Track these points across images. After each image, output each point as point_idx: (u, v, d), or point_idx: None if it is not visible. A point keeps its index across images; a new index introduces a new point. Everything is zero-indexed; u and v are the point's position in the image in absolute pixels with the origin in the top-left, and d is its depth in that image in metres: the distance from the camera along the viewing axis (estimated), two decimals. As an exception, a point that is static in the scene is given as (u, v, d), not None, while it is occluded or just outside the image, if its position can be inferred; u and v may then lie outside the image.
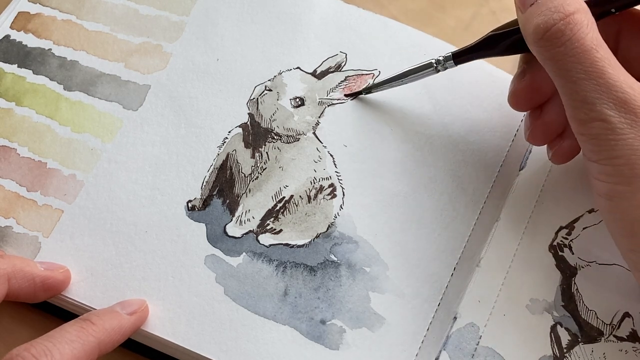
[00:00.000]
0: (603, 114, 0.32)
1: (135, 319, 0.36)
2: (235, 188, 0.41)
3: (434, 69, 0.40)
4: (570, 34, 0.32)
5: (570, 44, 0.32)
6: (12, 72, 0.43)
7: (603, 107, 0.32)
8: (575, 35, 0.32)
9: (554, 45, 0.33)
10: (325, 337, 0.37)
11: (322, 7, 0.45)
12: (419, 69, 0.40)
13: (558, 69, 0.33)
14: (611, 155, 0.32)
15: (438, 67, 0.39)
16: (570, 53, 0.32)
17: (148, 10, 0.45)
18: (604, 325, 0.37)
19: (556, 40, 0.33)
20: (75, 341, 0.33)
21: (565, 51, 0.33)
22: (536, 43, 0.34)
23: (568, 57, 0.33)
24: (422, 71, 0.40)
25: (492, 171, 0.41)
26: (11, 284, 0.35)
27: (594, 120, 0.32)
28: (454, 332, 0.37)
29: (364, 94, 0.43)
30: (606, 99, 0.32)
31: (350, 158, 0.41)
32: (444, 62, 0.39)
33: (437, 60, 0.39)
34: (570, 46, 0.32)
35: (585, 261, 0.38)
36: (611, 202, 0.33)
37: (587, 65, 0.32)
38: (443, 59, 0.39)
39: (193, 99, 0.43)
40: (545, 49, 0.33)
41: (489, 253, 0.39)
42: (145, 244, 0.39)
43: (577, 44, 0.32)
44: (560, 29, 0.33)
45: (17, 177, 0.40)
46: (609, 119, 0.32)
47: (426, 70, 0.40)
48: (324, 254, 0.39)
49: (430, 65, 0.40)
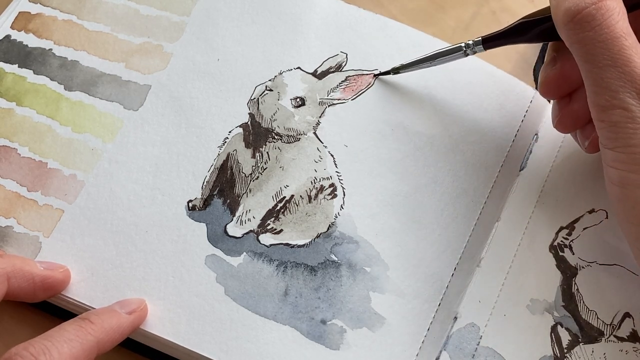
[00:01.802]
0: (625, 102, 0.32)
1: (134, 318, 0.36)
2: (235, 188, 0.41)
3: (463, 53, 0.40)
4: (601, 20, 0.33)
5: (600, 29, 0.33)
6: (12, 72, 0.43)
7: (625, 95, 0.32)
8: (605, 21, 0.33)
9: (584, 29, 0.33)
10: (325, 337, 0.37)
11: (322, 7, 0.45)
12: (449, 52, 0.40)
13: (585, 53, 0.33)
14: (628, 143, 0.32)
15: (467, 51, 0.40)
16: (599, 39, 0.33)
17: (149, 10, 0.45)
18: (604, 326, 0.37)
19: (586, 24, 0.33)
20: (73, 340, 0.33)
21: (594, 36, 0.33)
22: (566, 26, 0.34)
23: (596, 42, 0.33)
24: (451, 54, 0.40)
25: (492, 171, 0.41)
26: (11, 284, 0.35)
27: (614, 108, 0.32)
28: (454, 332, 0.37)
29: (392, 74, 0.43)
30: (629, 88, 0.32)
31: (350, 158, 0.41)
32: (474, 46, 0.39)
33: (466, 45, 0.39)
34: (599, 31, 0.33)
35: (585, 261, 0.38)
36: (623, 190, 0.33)
37: (615, 52, 0.32)
38: (473, 43, 0.39)
39: (194, 99, 0.43)
40: (575, 33, 0.33)
41: (490, 253, 0.39)
42: (145, 244, 0.39)
43: (606, 30, 0.32)
44: (592, 12, 0.33)
45: (18, 177, 0.40)
46: (630, 107, 0.32)
47: (455, 54, 0.40)
48: (324, 254, 0.39)
49: (460, 48, 0.40)
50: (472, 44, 0.39)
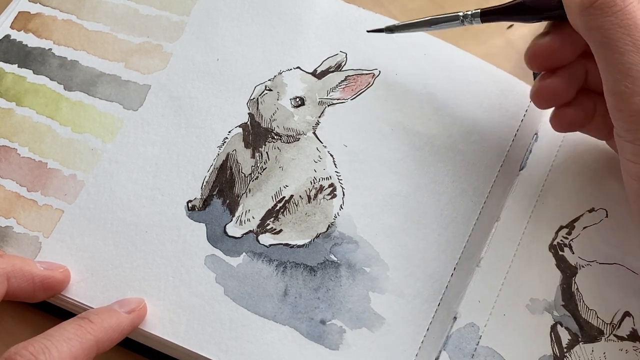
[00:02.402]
0: None
1: (134, 318, 0.36)
2: (235, 188, 0.41)
3: (460, 21, 0.39)
4: (622, 5, 0.32)
5: (622, 14, 0.32)
6: (12, 72, 0.43)
7: None
8: (627, 7, 0.32)
9: (604, 14, 0.32)
10: (325, 337, 0.37)
11: (322, 7, 0.45)
12: (446, 19, 0.40)
13: (605, 38, 0.32)
14: None
15: (464, 21, 0.39)
16: (621, 24, 0.32)
17: (148, 10, 0.45)
18: (604, 325, 0.37)
19: (607, 9, 0.32)
20: (73, 339, 0.33)
21: (615, 21, 0.32)
22: (585, 11, 0.33)
23: (618, 27, 0.32)
24: (448, 22, 0.40)
25: (492, 171, 0.41)
26: (10, 284, 0.35)
27: (635, 95, 0.31)
28: (454, 332, 0.37)
29: (386, 32, 0.42)
30: None
31: (350, 158, 0.41)
32: (472, 17, 0.39)
33: (464, 15, 0.39)
34: (621, 17, 0.32)
35: (585, 260, 0.38)
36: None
37: (638, 37, 0.31)
38: (471, 14, 0.39)
39: (193, 99, 0.43)
40: (594, 18, 0.33)
41: (489, 253, 0.39)
42: (145, 244, 0.39)
43: (628, 15, 0.32)
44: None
45: (18, 177, 0.40)
46: None
47: (452, 22, 0.40)
48: (324, 254, 0.39)
49: (457, 17, 0.39)
50: (470, 14, 0.39)
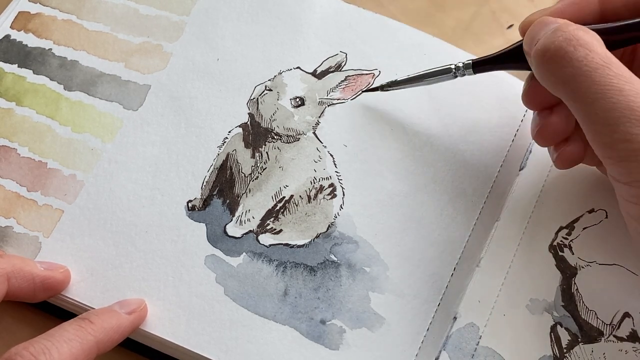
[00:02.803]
0: (628, 134, 0.29)
1: (134, 318, 0.36)
2: (235, 188, 0.41)
3: (452, 75, 0.39)
4: (575, 52, 0.31)
5: (578, 62, 0.30)
6: (12, 72, 0.43)
7: (627, 127, 0.29)
8: (581, 53, 0.30)
9: (560, 66, 0.31)
10: (325, 337, 0.37)
11: (322, 7, 0.45)
12: (438, 72, 0.40)
13: (570, 92, 0.31)
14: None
15: (456, 73, 0.39)
16: (579, 72, 0.30)
17: (148, 10, 0.45)
18: (604, 325, 0.37)
19: (561, 60, 0.31)
20: (73, 340, 0.33)
21: (574, 72, 0.30)
22: (540, 67, 0.32)
23: (578, 77, 0.30)
24: (440, 75, 0.40)
25: (492, 171, 0.41)
26: (11, 284, 0.35)
27: (618, 142, 0.30)
28: (453, 332, 0.37)
29: (380, 90, 0.42)
30: (629, 117, 0.29)
31: (350, 158, 0.41)
32: (464, 69, 0.39)
33: (456, 67, 0.39)
34: (578, 65, 0.30)
35: (585, 261, 0.38)
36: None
37: (602, 83, 0.30)
38: (463, 66, 0.39)
39: (193, 99, 0.43)
40: (551, 72, 0.32)
41: (489, 253, 0.38)
42: (145, 244, 0.39)
43: (585, 61, 0.30)
44: (561, 45, 0.31)
45: (18, 177, 0.40)
46: (636, 138, 0.29)
47: (444, 75, 0.40)
48: (324, 254, 0.39)
49: (449, 70, 0.39)
50: (462, 66, 0.39)
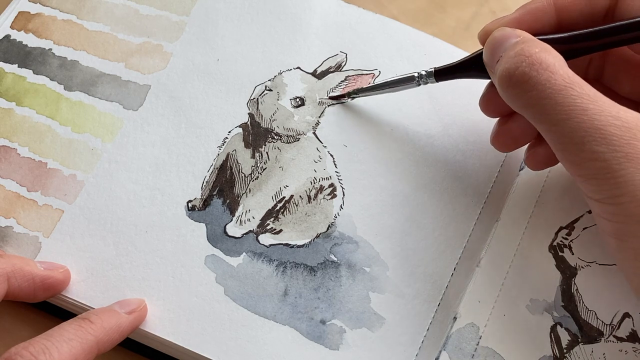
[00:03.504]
0: (594, 152, 0.29)
1: (134, 318, 0.36)
2: (235, 188, 0.41)
3: (415, 83, 0.39)
4: (538, 76, 0.31)
5: (542, 85, 0.31)
6: (12, 72, 0.43)
7: (592, 146, 0.29)
8: (543, 76, 0.31)
9: (524, 90, 0.31)
10: (325, 337, 0.37)
11: (322, 7, 0.45)
12: (401, 80, 0.40)
13: (536, 114, 0.31)
14: (614, 194, 0.30)
15: (420, 82, 0.39)
16: (544, 95, 0.31)
17: (148, 10, 0.45)
18: (604, 326, 0.37)
19: (524, 84, 0.31)
20: (73, 340, 0.33)
21: (538, 94, 0.31)
22: (506, 92, 0.32)
23: (543, 99, 0.31)
24: (404, 84, 0.40)
25: (492, 171, 0.41)
26: (11, 284, 0.35)
27: (585, 161, 0.30)
28: (453, 332, 0.37)
29: (348, 98, 0.42)
30: (594, 136, 0.29)
31: (350, 158, 0.41)
32: (426, 77, 0.39)
33: (419, 75, 0.39)
34: (541, 88, 0.31)
35: (585, 261, 0.38)
36: (621, 242, 0.31)
37: (566, 105, 0.30)
38: (425, 74, 0.39)
39: (193, 99, 0.43)
40: (517, 97, 0.32)
41: (489, 253, 0.39)
42: (145, 244, 0.39)
43: (548, 84, 0.30)
44: (525, 71, 0.31)
45: (18, 177, 0.40)
46: (602, 156, 0.29)
47: (408, 84, 0.40)
48: (324, 254, 0.39)
49: (412, 78, 0.39)
50: (424, 74, 0.39)
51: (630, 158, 0.29)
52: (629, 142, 0.29)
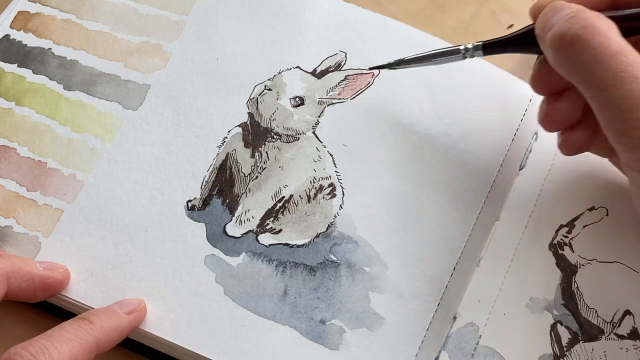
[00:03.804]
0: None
1: (133, 318, 0.36)
2: (235, 188, 0.41)
3: (461, 55, 0.39)
4: (591, 39, 0.30)
5: (594, 49, 0.30)
6: (12, 71, 0.43)
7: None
8: (596, 40, 0.30)
9: (576, 52, 0.31)
10: (325, 337, 0.37)
11: (321, 7, 0.45)
12: (447, 52, 0.39)
13: (586, 78, 0.31)
14: None
15: (465, 54, 0.39)
16: (595, 59, 0.30)
17: (148, 9, 0.45)
18: (604, 324, 0.37)
19: (577, 46, 0.31)
20: (73, 340, 0.33)
21: (589, 58, 0.30)
22: (556, 54, 0.32)
23: (594, 64, 0.30)
24: (449, 55, 0.39)
25: (492, 171, 0.41)
26: (10, 284, 0.35)
27: (632, 129, 0.30)
28: (453, 332, 0.37)
29: (389, 68, 0.42)
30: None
31: (350, 158, 0.41)
32: (473, 50, 0.38)
33: (465, 48, 0.39)
34: (593, 52, 0.30)
35: (585, 259, 0.38)
36: None
37: (617, 71, 0.30)
38: (472, 47, 0.38)
39: (193, 99, 0.43)
40: (567, 58, 0.31)
41: (489, 253, 0.38)
42: (145, 244, 0.39)
43: (600, 49, 0.30)
44: (578, 34, 0.31)
45: (17, 176, 0.40)
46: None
47: (453, 56, 0.39)
48: (323, 254, 0.39)
49: (458, 51, 0.39)
50: (471, 48, 0.39)
51: None
52: None
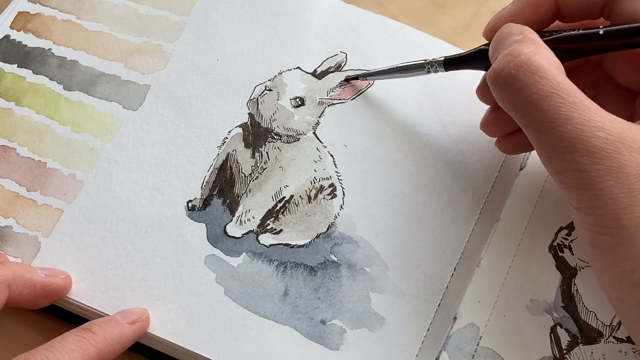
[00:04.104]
0: (576, 163, 0.29)
1: (136, 329, 0.36)
2: (235, 188, 0.41)
3: (425, 70, 0.39)
4: (525, 80, 0.30)
5: (527, 90, 0.30)
6: (12, 72, 0.43)
7: (574, 156, 0.29)
8: (530, 80, 0.30)
9: (510, 93, 0.31)
10: (325, 337, 0.37)
11: (322, 7, 0.45)
12: (411, 67, 0.40)
13: (521, 117, 0.31)
14: (592, 205, 0.30)
15: (430, 69, 0.39)
16: (529, 100, 0.30)
17: (148, 10, 0.45)
18: (603, 327, 0.37)
19: (510, 87, 0.30)
20: (75, 351, 0.32)
21: (523, 99, 0.30)
22: (494, 90, 0.32)
23: (528, 105, 0.30)
24: (414, 70, 0.40)
25: (492, 171, 0.41)
26: (12, 291, 0.35)
27: (567, 171, 0.30)
28: (454, 333, 0.37)
29: (360, 79, 0.43)
30: (577, 147, 0.29)
31: (350, 158, 0.41)
32: (437, 65, 0.39)
33: (429, 62, 0.39)
34: (527, 92, 0.30)
35: (585, 262, 0.38)
36: (596, 252, 0.31)
37: (550, 112, 0.29)
38: (436, 62, 0.39)
39: (193, 99, 0.43)
40: (504, 97, 0.31)
41: (489, 253, 0.39)
42: (145, 244, 0.39)
43: (534, 89, 0.30)
44: (511, 74, 0.30)
45: (17, 176, 0.40)
46: (583, 167, 0.29)
47: (418, 70, 0.40)
48: (324, 254, 0.39)
49: (422, 66, 0.39)
50: (435, 62, 0.39)
51: (611, 171, 0.29)
52: (610, 155, 0.29)
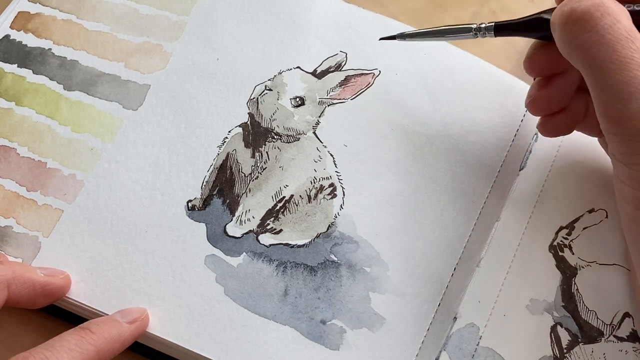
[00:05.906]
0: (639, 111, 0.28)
1: (135, 328, 0.36)
2: (235, 188, 0.41)
3: (472, 34, 0.38)
4: (602, 20, 0.29)
5: (603, 29, 0.29)
6: (12, 71, 0.43)
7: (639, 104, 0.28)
8: (607, 21, 0.29)
9: (583, 30, 0.30)
10: (325, 337, 0.37)
11: (322, 7, 0.45)
12: (458, 30, 0.39)
13: (588, 57, 0.30)
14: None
15: (477, 34, 0.38)
16: (602, 40, 0.29)
17: (148, 10, 0.45)
18: (604, 326, 0.37)
19: (585, 23, 0.30)
20: (74, 350, 0.32)
21: (596, 38, 0.29)
22: (563, 28, 0.31)
23: (600, 44, 0.29)
24: (460, 33, 0.39)
25: (492, 171, 0.41)
26: (11, 290, 0.35)
27: (628, 119, 0.29)
28: (454, 333, 0.37)
29: (398, 39, 0.41)
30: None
31: (350, 158, 0.41)
32: (485, 31, 0.38)
33: (477, 27, 0.38)
34: (602, 32, 0.29)
35: (585, 261, 0.38)
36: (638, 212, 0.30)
37: (623, 55, 0.29)
38: (485, 27, 0.38)
39: (193, 99, 0.43)
40: (573, 35, 0.30)
41: (489, 253, 0.39)
42: (145, 244, 0.39)
43: (610, 30, 0.29)
44: (590, 11, 0.30)
45: (17, 176, 0.40)
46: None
47: (464, 34, 0.39)
48: (324, 254, 0.39)
49: (470, 29, 0.38)
50: (483, 27, 0.38)
51: None
52: None
